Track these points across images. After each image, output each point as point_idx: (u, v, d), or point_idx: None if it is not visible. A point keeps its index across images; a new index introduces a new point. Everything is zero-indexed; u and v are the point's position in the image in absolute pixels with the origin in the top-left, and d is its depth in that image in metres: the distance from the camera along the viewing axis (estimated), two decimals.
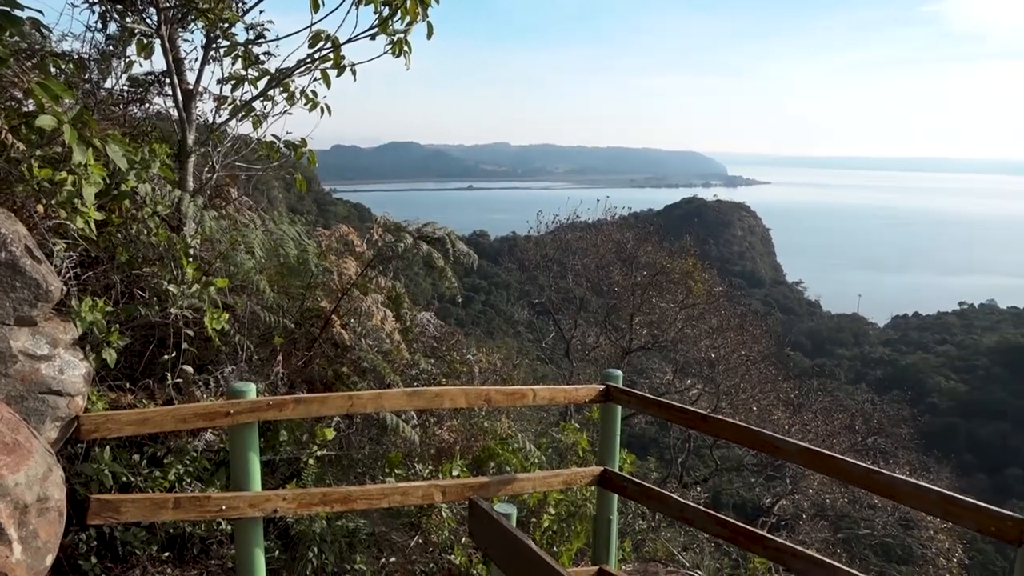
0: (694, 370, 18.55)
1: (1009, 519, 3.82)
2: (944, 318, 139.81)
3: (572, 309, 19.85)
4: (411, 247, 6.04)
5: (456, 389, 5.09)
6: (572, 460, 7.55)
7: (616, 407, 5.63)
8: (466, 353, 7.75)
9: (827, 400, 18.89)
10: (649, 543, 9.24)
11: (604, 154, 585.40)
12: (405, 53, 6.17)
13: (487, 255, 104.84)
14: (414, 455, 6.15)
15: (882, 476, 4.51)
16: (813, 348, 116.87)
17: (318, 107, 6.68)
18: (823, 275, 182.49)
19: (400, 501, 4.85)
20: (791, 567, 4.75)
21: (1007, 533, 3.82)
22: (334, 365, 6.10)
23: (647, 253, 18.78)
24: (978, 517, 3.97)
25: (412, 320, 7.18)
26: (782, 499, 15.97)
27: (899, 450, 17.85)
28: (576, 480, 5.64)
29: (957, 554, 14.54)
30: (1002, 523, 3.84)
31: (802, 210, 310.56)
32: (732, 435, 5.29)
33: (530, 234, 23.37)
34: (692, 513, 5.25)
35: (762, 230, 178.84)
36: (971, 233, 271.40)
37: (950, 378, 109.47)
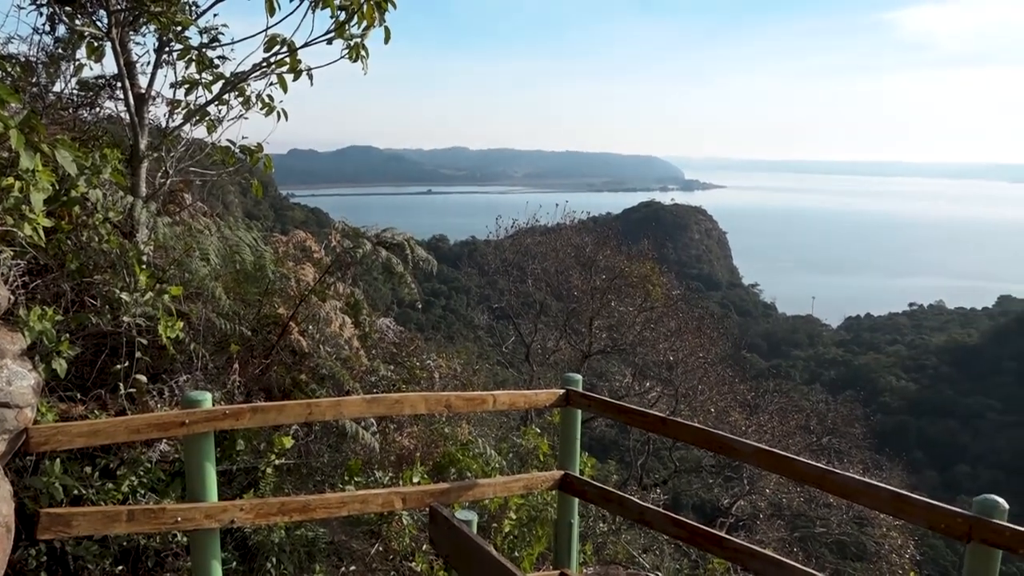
0: (653, 373, 18.71)
1: (959, 516, 3.91)
2: (895, 319, 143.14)
3: (532, 313, 19.90)
4: (370, 253, 6.01)
5: (416, 395, 5.07)
6: (533, 465, 7.58)
7: (576, 411, 5.65)
8: (426, 359, 7.72)
9: (783, 401, 19.20)
10: (610, 546, 9.30)
11: (562, 158, 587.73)
12: (362, 58, 6.14)
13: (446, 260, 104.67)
14: (374, 462, 6.10)
15: (836, 476, 4.60)
16: (769, 349, 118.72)
17: (274, 111, 6.60)
18: (778, 277, 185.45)
19: (360, 509, 4.81)
20: (749, 567, 4.81)
21: (956, 529, 3.92)
22: (292, 372, 6.04)
23: (606, 257, 18.90)
24: (929, 515, 4.07)
25: (371, 326, 7.13)
26: (740, 499, 16.18)
27: (853, 449, 18.21)
28: (537, 485, 5.65)
29: (909, 550, 14.88)
30: (952, 520, 3.93)
31: (757, 213, 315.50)
32: (690, 437, 5.35)
33: (489, 238, 23.40)
34: (652, 515, 5.29)
35: (719, 233, 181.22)
36: (920, 236, 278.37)
37: (901, 378, 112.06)
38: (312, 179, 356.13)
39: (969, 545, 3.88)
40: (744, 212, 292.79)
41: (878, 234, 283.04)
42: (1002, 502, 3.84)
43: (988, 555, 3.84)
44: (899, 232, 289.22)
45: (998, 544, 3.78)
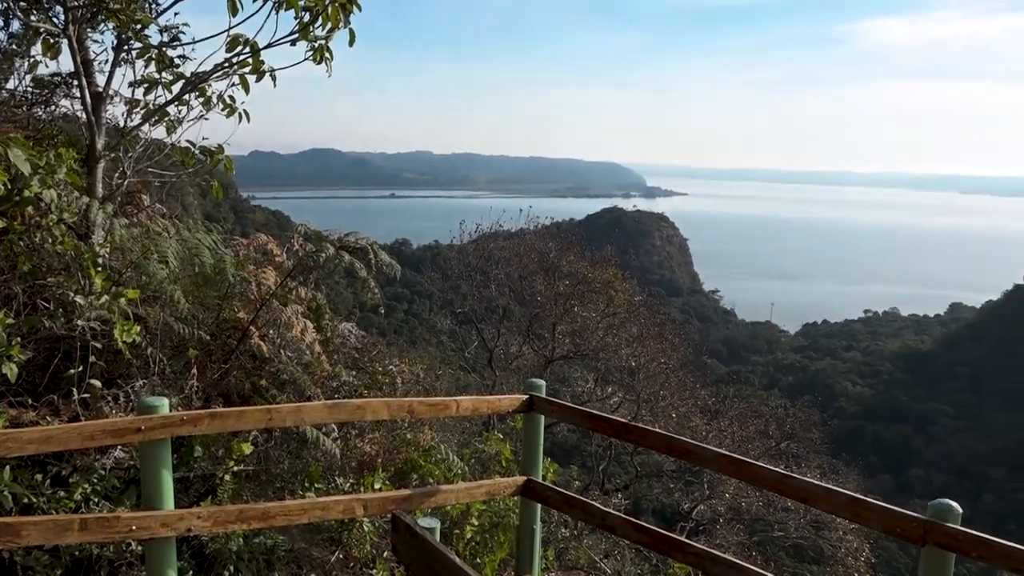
0: (615, 378, 18.80)
1: (913, 520, 3.99)
2: (851, 325, 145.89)
3: (495, 318, 19.88)
4: (332, 257, 5.95)
5: (378, 401, 5.03)
6: (495, 470, 7.56)
7: (539, 417, 5.65)
8: (388, 364, 7.67)
9: (742, 406, 19.44)
10: (572, 551, 9.31)
11: (526, 163, 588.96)
12: (326, 60, 6.08)
13: (409, 264, 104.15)
14: (335, 469, 6.04)
15: (795, 480, 4.66)
16: (729, 355, 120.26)
17: (236, 113, 6.51)
18: (738, 284, 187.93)
19: (320, 516, 4.75)
20: (709, 572, 4.85)
21: (912, 533, 3.99)
22: (252, 377, 5.95)
23: (569, 263, 18.96)
24: (885, 519, 4.14)
25: (333, 331, 7.07)
26: (700, 504, 16.33)
27: (810, 454, 18.49)
28: (499, 490, 5.64)
29: (864, 553, 15.16)
30: (907, 524, 4.00)
31: (718, 221, 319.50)
32: (652, 443, 5.38)
33: (453, 243, 23.35)
34: (613, 520, 5.31)
35: (680, 240, 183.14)
36: (875, 244, 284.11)
37: (856, 383, 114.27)
38: (274, 181, 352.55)
39: (924, 548, 3.96)
40: (705, 219, 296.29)
41: (835, 242, 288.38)
42: (956, 506, 3.92)
43: (942, 558, 3.92)
44: (855, 240, 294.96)
45: (952, 547, 3.86)
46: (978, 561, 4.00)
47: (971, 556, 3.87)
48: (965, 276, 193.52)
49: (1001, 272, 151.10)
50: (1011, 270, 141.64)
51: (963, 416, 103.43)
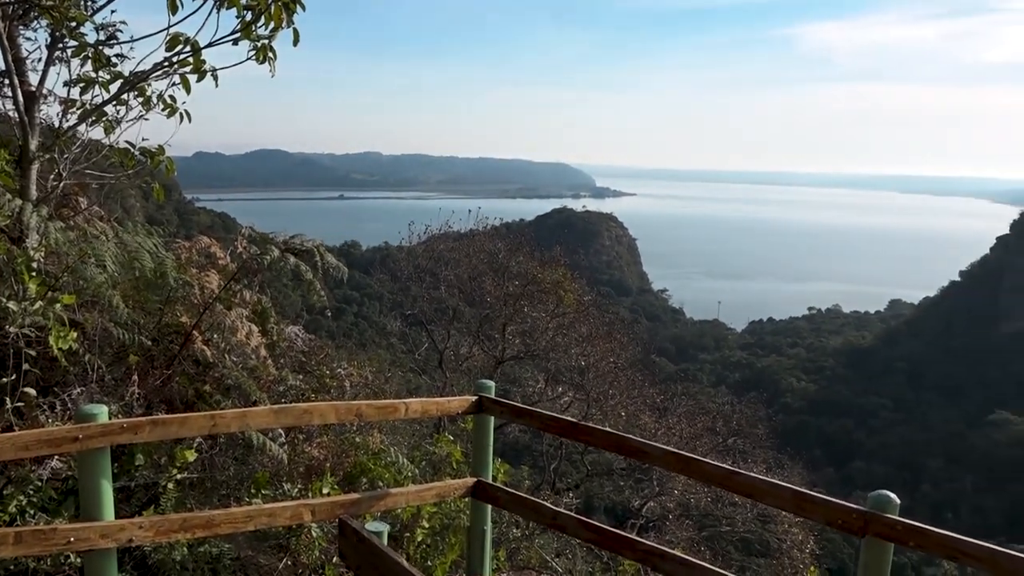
0: (565, 378, 18.88)
1: (854, 512, 4.10)
2: (795, 323, 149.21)
3: (445, 320, 19.81)
4: (278, 259, 5.87)
5: (326, 405, 4.97)
6: (446, 472, 7.53)
7: (489, 418, 5.66)
8: (336, 367, 7.59)
9: (690, 404, 19.71)
10: (523, 551, 9.32)
11: (476, 164, 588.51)
12: (270, 59, 5.99)
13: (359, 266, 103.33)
14: (282, 474, 5.96)
15: (741, 476, 4.75)
16: (678, 353, 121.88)
17: (177, 113, 6.37)
18: (686, 283, 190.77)
19: (267, 523, 4.68)
20: (659, 568, 4.91)
21: (852, 525, 4.10)
22: (195, 383, 5.83)
23: (519, 263, 18.99)
24: (827, 511, 4.25)
25: (279, 334, 6.97)
26: (650, 501, 16.50)
27: (756, 449, 18.83)
28: (450, 492, 5.63)
29: (809, 545, 15.51)
30: (848, 516, 4.11)
31: (666, 221, 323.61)
32: (601, 441, 5.42)
33: (402, 244, 23.18)
34: (564, 520, 5.34)
35: (629, 240, 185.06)
36: (818, 243, 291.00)
37: (801, 379, 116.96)
38: (219, 183, 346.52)
39: (864, 539, 4.07)
40: (653, 220, 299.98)
41: (780, 241, 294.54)
42: (894, 497, 4.03)
43: (882, 548, 4.03)
44: (799, 240, 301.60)
45: (891, 537, 3.97)
46: (915, 550, 4.12)
47: (909, 545, 3.99)
48: (904, 274, 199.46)
49: (938, 269, 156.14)
50: (947, 267, 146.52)
51: (902, 409, 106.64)
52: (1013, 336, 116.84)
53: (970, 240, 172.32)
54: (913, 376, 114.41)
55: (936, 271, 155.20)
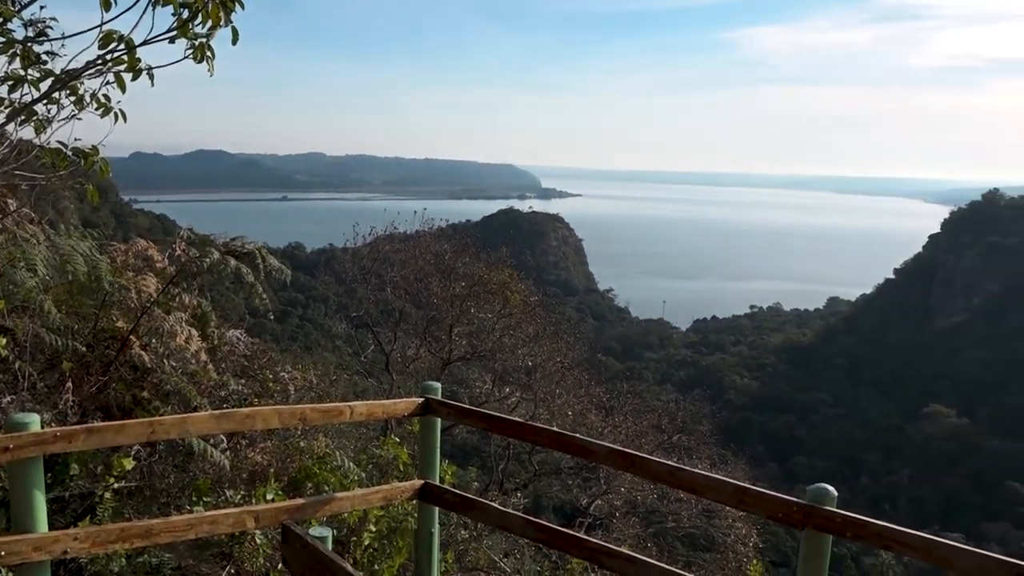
0: (512, 378, 18.91)
1: (794, 505, 4.20)
2: (738, 321, 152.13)
3: (391, 321, 19.66)
4: (218, 262, 5.76)
5: (269, 409, 4.90)
6: (393, 475, 7.49)
7: (436, 419, 5.64)
8: (280, 371, 7.48)
9: (636, 402, 19.92)
10: (472, 552, 9.32)
11: (421, 165, 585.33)
12: (208, 59, 5.86)
13: (303, 268, 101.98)
14: (225, 481, 5.85)
15: (685, 472, 4.83)
16: (624, 352, 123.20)
17: (111, 112, 6.19)
18: (631, 283, 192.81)
19: (209, 531, 4.59)
20: (606, 565, 4.96)
21: (792, 518, 4.20)
22: (133, 390, 5.69)
23: (465, 264, 18.96)
24: (768, 505, 4.34)
25: (220, 338, 6.84)
26: (597, 499, 16.63)
27: (701, 446, 19.15)
28: (396, 495, 5.59)
29: (753, 539, 15.83)
30: (788, 509, 4.21)
31: (611, 221, 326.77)
32: (547, 441, 5.46)
33: (347, 246, 22.94)
34: (512, 520, 5.36)
35: (575, 241, 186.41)
36: (759, 242, 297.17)
37: (744, 376, 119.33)
38: (158, 184, 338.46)
39: (804, 531, 4.17)
40: (599, 220, 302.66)
41: (722, 241, 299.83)
42: (832, 490, 4.14)
43: (820, 540, 4.14)
44: (741, 239, 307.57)
45: (829, 529, 4.08)
46: (853, 541, 4.24)
47: (847, 536, 4.10)
48: (842, 272, 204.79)
49: (873, 267, 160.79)
50: (882, 265, 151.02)
51: (841, 404, 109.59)
52: (945, 332, 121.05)
53: (904, 239, 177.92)
54: (851, 372, 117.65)
55: (872, 269, 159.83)
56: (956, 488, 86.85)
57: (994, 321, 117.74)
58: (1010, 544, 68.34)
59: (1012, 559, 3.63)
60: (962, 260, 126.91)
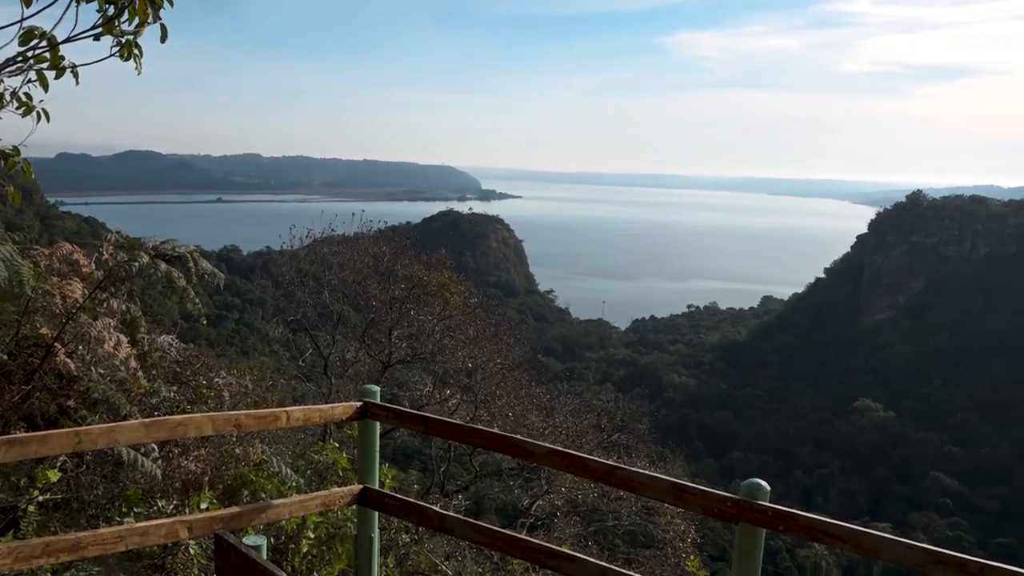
0: (453, 380, 18.84)
1: (728, 500, 4.28)
2: (676, 320, 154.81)
3: (330, 325, 19.39)
4: (148, 266, 5.60)
5: (202, 416, 4.79)
6: (333, 480, 7.39)
7: (374, 423, 5.60)
8: (214, 376, 7.32)
9: (576, 402, 20.05)
10: (413, 556, 9.26)
11: (360, 167, 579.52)
12: (135, 56, 5.70)
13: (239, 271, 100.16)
14: (156, 491, 5.70)
15: (623, 471, 4.89)
16: (564, 352, 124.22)
17: (34, 111, 5.97)
18: (571, 283, 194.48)
19: (140, 542, 4.47)
20: (546, 565, 5.00)
21: (727, 513, 4.29)
22: (59, 399, 5.50)
23: (404, 266, 18.81)
24: (703, 501, 4.43)
25: (151, 344, 6.66)
26: (539, 499, 16.69)
27: (640, 444, 19.37)
28: (335, 501, 5.53)
29: (691, 535, 16.09)
30: (723, 504, 4.30)
31: (551, 223, 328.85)
32: (487, 442, 5.48)
33: (284, 248, 22.55)
34: (452, 523, 5.35)
35: (515, 242, 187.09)
36: (695, 242, 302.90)
37: (682, 374, 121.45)
38: (86, 186, 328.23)
39: (738, 526, 4.26)
40: (539, 221, 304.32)
41: (660, 242, 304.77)
42: (764, 485, 4.24)
43: (754, 533, 4.23)
44: (678, 239, 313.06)
45: (762, 523, 4.18)
46: (785, 533, 4.36)
47: (779, 530, 4.20)
48: (775, 271, 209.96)
49: (804, 267, 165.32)
50: (813, 265, 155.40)
51: (775, 400, 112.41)
52: (872, 328, 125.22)
53: (833, 239, 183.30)
54: (784, 368, 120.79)
55: (803, 269, 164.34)
56: (884, 479, 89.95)
57: (918, 317, 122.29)
58: (935, 532, 71.11)
59: (934, 547, 3.78)
60: (888, 259, 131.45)
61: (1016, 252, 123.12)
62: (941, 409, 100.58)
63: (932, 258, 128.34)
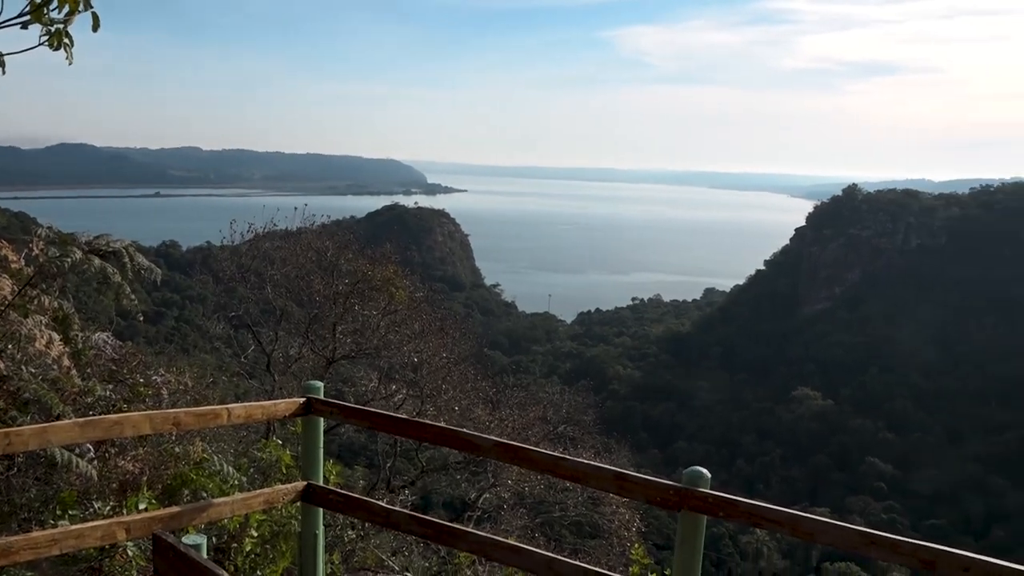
0: (399, 375, 18.75)
1: (670, 488, 4.37)
2: (620, 312, 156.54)
3: (272, 320, 19.10)
4: (81, 262, 5.45)
5: (139, 415, 4.69)
6: (276, 478, 7.31)
7: (318, 419, 5.55)
8: (152, 374, 7.16)
9: (522, 395, 20.14)
10: (359, 552, 9.21)
11: (303, 160, 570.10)
12: (66, 46, 5.52)
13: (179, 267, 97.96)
14: (92, 492, 5.56)
15: (567, 462, 4.94)
16: (511, 346, 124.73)
17: None
18: (517, 277, 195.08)
19: (76, 545, 4.36)
20: (491, 557, 5.04)
21: (669, 500, 4.37)
22: None
23: (348, 261, 18.62)
24: (646, 490, 4.51)
25: (85, 342, 6.48)
26: (486, 492, 16.74)
27: (585, 435, 19.59)
28: (278, 498, 5.47)
29: (636, 524, 16.34)
30: (665, 492, 4.38)
31: (497, 216, 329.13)
32: (432, 437, 5.49)
33: (225, 244, 22.10)
34: (398, 517, 5.34)
35: (461, 236, 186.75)
36: (639, 236, 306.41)
37: (627, 366, 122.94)
38: (16, 180, 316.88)
39: (680, 513, 4.34)
40: (485, 216, 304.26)
41: (604, 235, 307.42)
42: (705, 472, 4.33)
43: (695, 520, 4.32)
44: (622, 233, 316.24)
45: (703, 510, 4.27)
46: (726, 520, 4.46)
47: (719, 516, 4.30)
48: (718, 264, 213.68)
49: (746, 259, 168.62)
50: (754, 257, 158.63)
51: (718, 390, 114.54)
52: (811, 319, 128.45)
53: (773, 232, 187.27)
54: (727, 359, 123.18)
55: (745, 261, 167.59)
56: (823, 465, 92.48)
57: (854, 308, 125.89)
58: (871, 515, 73.42)
59: (867, 529, 3.92)
60: (825, 251, 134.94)
61: (945, 244, 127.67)
62: (876, 397, 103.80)
63: (867, 250, 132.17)
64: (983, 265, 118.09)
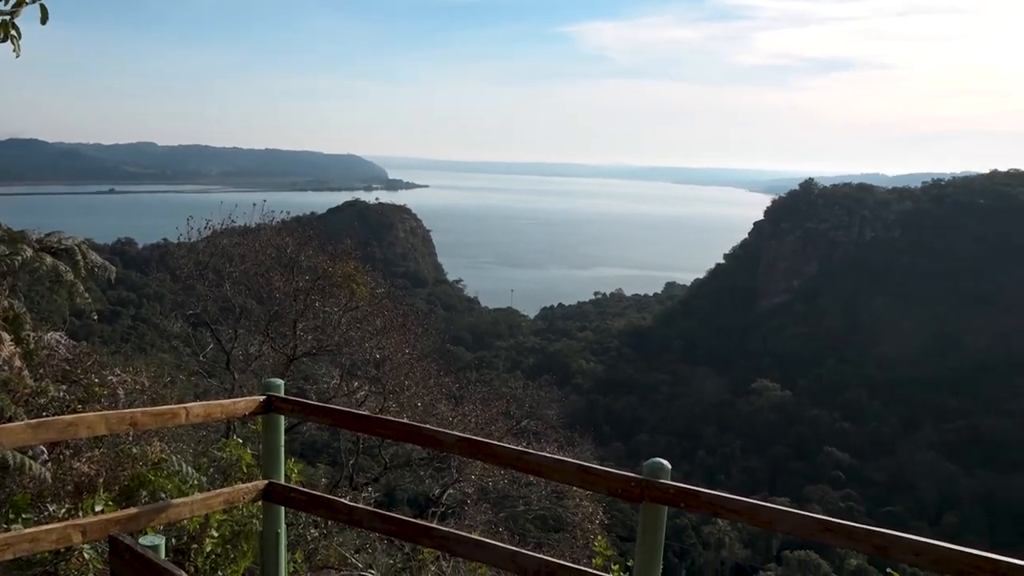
0: (361, 372, 18.63)
1: (632, 480, 4.41)
2: (583, 307, 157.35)
3: (231, 318, 18.83)
4: (31, 260, 5.33)
5: (94, 415, 4.60)
6: (238, 478, 7.23)
7: (279, 417, 5.50)
8: (108, 374, 7.02)
9: (485, 390, 20.15)
10: (322, 550, 9.14)
11: (261, 156, 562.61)
12: (13, 38, 5.40)
13: (135, 265, 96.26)
14: (47, 494, 5.45)
15: (530, 456, 4.96)
16: (474, 341, 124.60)
17: None
18: (480, 273, 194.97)
19: (30, 549, 4.27)
20: (455, 552, 5.04)
21: (631, 492, 4.42)
22: None
23: (308, 257, 18.43)
24: (608, 482, 4.55)
25: (38, 342, 6.33)
26: (449, 488, 16.73)
27: (548, 429, 19.65)
28: (239, 498, 5.41)
29: (599, 516, 16.46)
30: (627, 484, 4.43)
31: (459, 212, 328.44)
32: (395, 433, 5.47)
33: (182, 241, 21.73)
34: (360, 514, 5.32)
35: (423, 232, 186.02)
36: (601, 231, 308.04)
37: (590, 360, 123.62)
38: None
39: (642, 504, 4.39)
40: (446, 211, 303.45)
41: (566, 230, 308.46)
42: (666, 464, 4.38)
43: (656, 511, 4.38)
44: (584, 228, 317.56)
45: (664, 500, 4.33)
46: (686, 510, 4.52)
47: (680, 506, 4.36)
48: (679, 259, 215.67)
49: (705, 253, 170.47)
50: (713, 251, 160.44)
51: (679, 383, 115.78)
52: (769, 312, 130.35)
53: (732, 226, 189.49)
54: (688, 352, 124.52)
55: (704, 255, 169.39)
56: (782, 455, 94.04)
57: (812, 300, 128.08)
58: (828, 504, 74.87)
59: (823, 516, 4.01)
60: (783, 245, 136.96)
61: (899, 236, 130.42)
62: (833, 387, 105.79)
63: (823, 243, 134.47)
64: (935, 257, 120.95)
